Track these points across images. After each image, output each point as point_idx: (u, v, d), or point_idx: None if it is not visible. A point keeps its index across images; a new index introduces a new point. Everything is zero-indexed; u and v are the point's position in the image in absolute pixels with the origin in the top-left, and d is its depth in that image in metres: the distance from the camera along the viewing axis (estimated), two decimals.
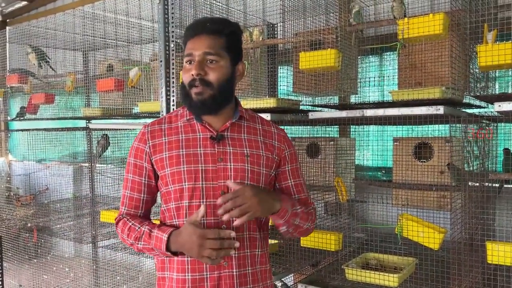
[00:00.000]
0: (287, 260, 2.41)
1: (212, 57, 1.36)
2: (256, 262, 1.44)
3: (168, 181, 1.39)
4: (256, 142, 1.46)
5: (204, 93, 1.35)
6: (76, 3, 5.84)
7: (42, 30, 3.91)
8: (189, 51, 1.37)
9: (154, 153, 1.42)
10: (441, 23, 1.88)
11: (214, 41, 1.36)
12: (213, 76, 1.36)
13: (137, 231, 1.38)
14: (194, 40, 1.37)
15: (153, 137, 1.43)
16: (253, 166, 1.41)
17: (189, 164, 1.37)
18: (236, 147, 1.42)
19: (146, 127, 1.47)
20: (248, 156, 1.41)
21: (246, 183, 1.38)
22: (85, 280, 4.18)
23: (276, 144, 1.49)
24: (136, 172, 1.44)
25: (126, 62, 3.48)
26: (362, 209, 2.91)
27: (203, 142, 1.40)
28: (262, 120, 1.54)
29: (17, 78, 3.85)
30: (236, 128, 1.45)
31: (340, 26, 2.41)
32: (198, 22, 1.43)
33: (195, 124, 1.43)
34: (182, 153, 1.39)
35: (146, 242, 1.36)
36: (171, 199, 1.40)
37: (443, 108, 1.89)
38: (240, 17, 3.17)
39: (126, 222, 1.43)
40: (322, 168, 2.68)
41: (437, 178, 2.35)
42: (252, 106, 2.49)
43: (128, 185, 1.46)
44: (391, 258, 2.28)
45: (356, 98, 2.68)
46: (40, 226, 4.27)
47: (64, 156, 4.86)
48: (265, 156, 1.45)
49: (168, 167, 1.39)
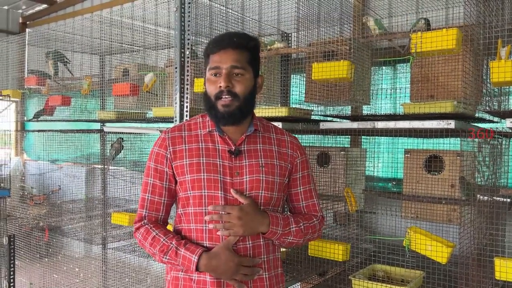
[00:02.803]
0: (295, 268, 2.42)
1: (239, 71, 1.43)
2: (270, 267, 1.50)
3: (187, 187, 1.45)
4: (270, 151, 1.53)
5: (231, 105, 1.42)
6: (94, 7, 5.96)
7: (61, 33, 4.00)
8: (216, 64, 1.43)
9: (175, 159, 1.48)
10: (455, 38, 1.88)
11: (240, 55, 1.44)
12: (239, 88, 1.43)
13: (163, 244, 1.43)
14: (221, 53, 1.43)
15: (173, 143, 1.49)
16: (268, 176, 1.48)
17: (209, 173, 1.44)
18: (252, 158, 1.48)
19: (167, 133, 1.52)
20: (262, 166, 1.48)
21: (260, 192, 1.46)
22: (94, 280, 4.23)
23: (289, 152, 1.56)
24: (157, 177, 1.50)
25: (141, 67, 3.54)
26: (371, 220, 2.90)
27: (222, 154, 1.47)
28: (276, 129, 1.60)
29: (35, 80, 3.93)
30: (252, 139, 1.52)
31: (354, 37, 2.43)
32: (224, 36, 1.49)
33: (215, 135, 1.50)
34: (203, 161, 1.45)
35: (172, 259, 1.42)
36: (189, 204, 1.46)
37: (454, 123, 1.89)
38: (255, 26, 3.21)
39: (149, 230, 1.47)
40: (332, 178, 2.69)
41: (447, 192, 2.34)
42: (264, 115, 2.51)
43: (148, 189, 1.51)
44: (399, 271, 2.28)
45: (368, 109, 2.69)
46: (52, 225, 4.34)
47: (77, 157, 4.93)
48: (278, 165, 1.51)
49: (188, 174, 1.45)
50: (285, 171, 1.53)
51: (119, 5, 5.57)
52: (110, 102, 4.04)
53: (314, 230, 1.56)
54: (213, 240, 1.43)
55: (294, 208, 1.62)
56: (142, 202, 1.52)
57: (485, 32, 1.99)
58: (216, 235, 1.42)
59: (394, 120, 2.10)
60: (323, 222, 1.61)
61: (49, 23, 6.67)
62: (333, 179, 2.69)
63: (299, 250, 2.45)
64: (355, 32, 2.50)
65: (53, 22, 6.58)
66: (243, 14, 3.17)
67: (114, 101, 3.76)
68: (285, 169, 1.53)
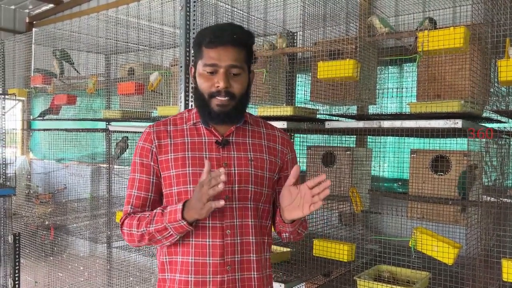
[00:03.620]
0: (299, 268, 2.41)
1: (237, 70, 1.37)
2: (260, 267, 1.43)
3: (172, 182, 1.39)
4: (260, 146, 1.47)
5: (228, 105, 1.36)
6: (100, 6, 5.98)
7: (67, 32, 4.01)
8: (214, 61, 1.35)
9: (160, 153, 1.42)
10: (462, 37, 1.86)
11: (238, 53, 1.37)
12: (237, 88, 1.37)
13: (148, 217, 1.35)
14: (219, 50, 1.35)
15: (159, 137, 1.43)
16: (257, 170, 1.42)
17: (194, 167, 1.38)
18: (241, 151, 1.43)
19: (151, 127, 1.47)
20: (252, 160, 1.42)
21: (250, 187, 1.40)
22: (98, 279, 4.24)
23: (279, 148, 1.50)
24: (144, 171, 1.43)
25: (147, 66, 3.55)
26: (377, 221, 2.88)
27: (209, 146, 1.41)
28: (266, 124, 1.55)
29: (41, 79, 3.95)
30: (240, 132, 1.46)
31: (360, 37, 2.41)
32: (222, 30, 1.38)
33: (201, 128, 1.44)
34: (188, 156, 1.39)
35: (159, 222, 1.32)
36: (174, 201, 1.39)
37: (462, 122, 1.87)
38: (261, 25, 3.20)
39: (133, 216, 1.39)
40: (338, 178, 2.68)
41: (454, 192, 2.32)
42: (269, 114, 2.50)
43: (135, 185, 1.44)
44: (404, 272, 2.26)
45: (374, 109, 2.67)
46: (58, 224, 4.36)
47: (82, 156, 4.95)
48: (268, 160, 1.46)
49: (173, 169, 1.39)
50: (275, 166, 1.47)
51: (125, 4, 5.59)
52: (115, 101, 4.05)
53: (305, 226, 1.53)
54: (199, 237, 1.36)
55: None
56: (128, 199, 1.45)
57: (493, 30, 1.97)
58: (203, 231, 1.35)
59: (401, 119, 2.09)
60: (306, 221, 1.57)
61: (55, 23, 6.70)
62: (339, 179, 2.67)
63: (304, 250, 2.44)
64: (361, 31, 2.49)
65: (60, 22, 6.62)
66: (248, 13, 3.16)
67: (120, 100, 3.77)
68: (275, 164, 1.47)
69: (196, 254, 1.36)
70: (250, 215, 1.40)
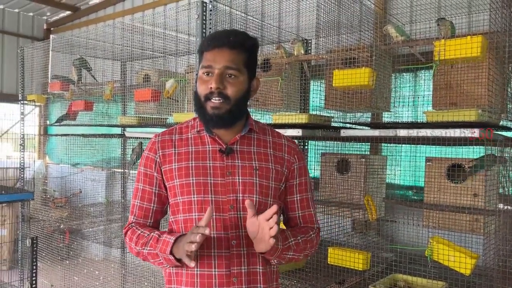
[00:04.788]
0: (314, 276, 2.41)
1: (233, 72, 1.33)
2: (267, 279, 1.38)
3: (176, 192, 1.37)
4: (265, 155, 1.43)
5: (221, 107, 1.33)
6: (117, 13, 6.07)
7: (84, 40, 4.08)
8: (209, 62, 1.33)
9: (164, 163, 1.40)
10: (479, 46, 1.86)
11: (235, 55, 1.34)
12: (232, 91, 1.33)
13: (146, 237, 1.35)
14: (215, 52, 1.34)
15: (163, 147, 1.41)
16: (262, 179, 1.38)
17: (198, 177, 1.35)
18: (245, 160, 1.39)
19: (157, 136, 1.45)
20: (256, 169, 1.38)
21: (254, 197, 1.35)
22: (113, 283, 4.28)
23: (285, 156, 1.46)
24: (147, 182, 1.42)
25: (162, 73, 3.59)
26: (392, 229, 2.87)
27: (212, 154, 1.38)
28: (273, 132, 1.51)
29: (59, 85, 4.02)
30: (245, 141, 1.43)
31: (375, 45, 2.41)
32: (220, 34, 1.39)
33: (205, 136, 1.42)
34: (191, 165, 1.37)
35: (152, 247, 1.31)
36: (179, 211, 1.37)
37: (479, 131, 1.86)
38: (275, 33, 3.22)
39: (135, 230, 1.39)
40: (352, 185, 2.67)
41: (470, 201, 2.30)
42: (284, 121, 2.52)
43: (138, 195, 1.43)
44: (420, 281, 2.24)
45: (388, 116, 2.67)
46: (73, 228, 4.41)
47: (97, 161, 5.01)
48: (274, 169, 1.42)
49: (177, 179, 1.37)
50: (281, 176, 1.43)
51: (140, 11, 5.67)
52: (131, 107, 4.10)
53: (312, 244, 1.44)
54: (205, 248, 1.31)
55: (289, 218, 1.50)
56: (131, 209, 1.45)
57: (511, 39, 1.95)
58: (208, 242, 1.31)
59: (417, 128, 2.08)
60: (319, 235, 1.50)
61: (72, 30, 6.82)
62: (353, 186, 2.67)
63: (318, 258, 2.43)
64: (376, 39, 2.49)
65: (77, 29, 6.73)
66: (262, 21, 3.19)
67: (135, 106, 3.82)
68: (281, 174, 1.43)
69: (201, 265, 1.32)
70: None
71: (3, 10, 6.82)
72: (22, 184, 4.49)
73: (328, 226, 2.62)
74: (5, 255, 5.44)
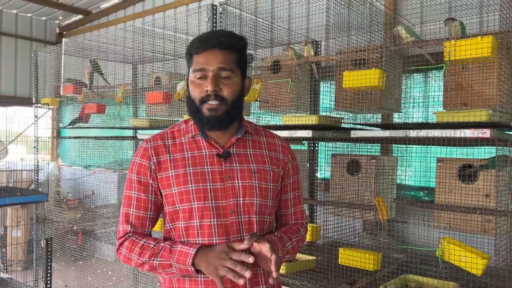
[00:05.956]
0: (324, 277, 2.42)
1: (226, 73, 1.32)
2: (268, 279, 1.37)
3: (175, 200, 1.34)
4: (262, 156, 1.43)
5: (218, 109, 1.31)
6: (127, 17, 6.14)
7: (96, 43, 4.14)
8: (202, 65, 1.32)
9: (159, 171, 1.36)
10: (490, 46, 1.85)
11: (228, 56, 1.33)
12: (227, 92, 1.32)
13: (154, 248, 1.31)
14: (207, 54, 1.32)
15: (157, 153, 1.38)
16: (261, 182, 1.38)
17: (197, 183, 1.33)
18: (243, 163, 1.38)
19: (148, 142, 1.41)
20: (255, 172, 1.38)
21: (255, 200, 1.36)
22: (126, 284, 4.32)
23: (280, 156, 1.47)
24: (141, 189, 1.37)
25: (173, 76, 3.63)
26: (403, 230, 2.86)
27: (210, 159, 1.36)
28: (265, 132, 1.51)
29: (72, 89, 4.08)
30: (241, 143, 1.42)
31: (385, 46, 2.42)
32: (209, 35, 1.37)
33: (200, 140, 1.39)
34: (189, 172, 1.34)
35: (165, 258, 1.29)
36: (179, 218, 1.35)
37: (489, 132, 1.85)
38: (285, 35, 3.24)
39: (135, 241, 1.35)
40: (362, 186, 2.67)
41: (482, 202, 2.29)
42: (294, 123, 2.53)
43: (132, 203, 1.38)
44: (431, 282, 2.24)
45: (399, 117, 2.67)
46: (86, 229, 4.47)
47: (109, 163, 5.07)
48: (271, 171, 1.42)
49: (175, 186, 1.34)
50: (278, 177, 1.43)
51: (151, 15, 5.73)
52: (142, 109, 4.15)
53: (303, 241, 1.50)
54: None
55: (281, 216, 1.51)
56: (125, 218, 1.38)
57: None
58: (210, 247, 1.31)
59: (427, 128, 2.08)
60: (307, 229, 1.55)
61: (84, 33, 6.91)
62: (364, 187, 2.67)
63: (329, 259, 2.44)
64: (386, 40, 2.49)
65: (88, 32, 6.82)
66: (272, 23, 3.21)
67: (146, 109, 3.87)
68: (278, 175, 1.43)
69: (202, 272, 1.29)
70: (256, 228, 1.36)
71: (16, 14, 6.94)
72: (36, 186, 4.56)
73: (339, 227, 2.63)
74: (20, 256, 5.53)
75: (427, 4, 2.83)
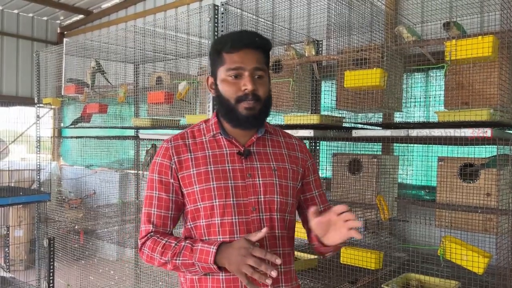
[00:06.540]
0: (326, 276, 2.43)
1: (261, 73, 1.36)
2: (289, 278, 1.40)
3: (197, 198, 1.36)
4: (281, 155, 1.45)
5: (255, 108, 1.34)
6: (128, 16, 6.15)
7: (97, 43, 4.15)
8: (238, 64, 1.34)
9: (181, 169, 1.38)
10: (491, 46, 1.86)
11: (260, 56, 1.37)
12: (262, 91, 1.36)
13: (175, 247, 1.32)
14: (242, 53, 1.34)
15: (178, 152, 1.39)
16: (281, 180, 1.40)
17: (218, 181, 1.35)
18: (263, 161, 1.40)
19: (169, 142, 1.42)
20: (275, 170, 1.40)
21: (275, 197, 1.37)
22: (128, 283, 4.34)
23: (299, 155, 1.49)
24: (163, 189, 1.39)
25: (174, 75, 3.64)
26: (404, 229, 2.87)
27: (231, 157, 1.38)
28: (283, 132, 1.54)
29: (74, 89, 4.10)
30: (261, 142, 1.44)
31: (386, 45, 2.42)
32: (241, 35, 1.40)
33: (221, 139, 1.41)
34: (211, 170, 1.36)
35: (187, 257, 1.29)
36: (200, 217, 1.36)
37: (490, 131, 1.86)
38: (286, 34, 3.24)
39: (157, 240, 1.35)
40: (364, 185, 2.68)
41: (483, 200, 2.30)
42: (296, 122, 2.54)
43: (154, 203, 1.39)
44: (433, 280, 2.25)
45: (400, 116, 2.67)
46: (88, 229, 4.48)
47: (111, 162, 5.08)
48: (291, 169, 1.44)
49: (196, 184, 1.36)
50: (297, 175, 1.45)
51: (152, 14, 5.74)
52: (143, 109, 4.16)
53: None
54: None
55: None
56: (147, 218, 1.40)
57: None
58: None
59: (428, 128, 2.09)
60: None
61: (85, 33, 6.92)
62: (365, 186, 2.68)
63: (331, 258, 2.45)
64: (387, 39, 2.50)
65: (89, 32, 6.83)
66: (273, 23, 3.21)
67: (148, 108, 3.88)
68: (297, 173, 1.45)
69: (226, 270, 1.29)
70: (277, 226, 1.37)
71: (17, 14, 6.95)
72: (38, 186, 4.58)
73: None
74: (22, 256, 5.55)
75: (428, 4, 2.84)
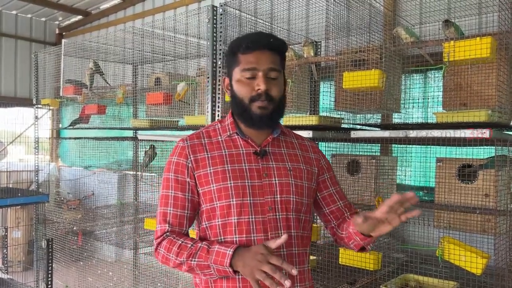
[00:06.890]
0: (325, 276, 2.43)
1: (275, 74, 1.38)
2: (304, 278, 1.41)
3: (213, 197, 1.36)
4: (295, 156, 1.47)
5: (268, 107, 1.36)
6: (127, 17, 6.15)
7: (96, 44, 4.15)
8: (252, 65, 1.36)
9: (197, 168, 1.38)
10: (489, 47, 1.87)
11: (275, 57, 1.39)
12: (275, 91, 1.37)
13: (191, 248, 1.31)
14: (257, 54, 1.36)
15: (194, 151, 1.40)
16: (296, 180, 1.41)
17: (235, 180, 1.35)
18: (279, 161, 1.42)
19: (185, 141, 1.43)
20: (290, 170, 1.42)
21: (291, 197, 1.38)
22: (126, 284, 4.33)
23: (313, 156, 1.52)
24: (179, 188, 1.39)
25: (172, 76, 3.64)
26: (402, 229, 2.88)
27: (247, 157, 1.40)
28: (295, 134, 1.57)
29: (72, 89, 4.09)
30: (276, 143, 1.46)
31: (384, 46, 2.43)
32: (258, 36, 1.43)
33: (237, 139, 1.43)
34: (228, 169, 1.37)
35: (203, 259, 1.28)
36: (215, 216, 1.36)
37: (489, 132, 1.87)
38: (284, 35, 3.25)
39: (173, 240, 1.34)
40: (362, 186, 2.69)
41: (481, 201, 2.30)
42: (295, 123, 2.54)
43: (170, 202, 1.39)
44: (431, 281, 2.25)
45: (399, 117, 2.67)
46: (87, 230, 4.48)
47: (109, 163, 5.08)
48: (305, 170, 1.46)
49: (213, 183, 1.36)
50: (312, 175, 1.47)
51: (150, 15, 5.74)
52: (142, 110, 4.16)
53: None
54: None
55: (331, 212, 1.51)
56: (163, 217, 1.39)
57: None
58: (248, 244, 1.30)
59: (427, 129, 2.09)
60: None
61: (84, 34, 6.92)
62: (364, 187, 2.68)
63: (329, 259, 2.45)
64: (386, 40, 2.50)
65: (88, 33, 6.83)
66: (272, 24, 3.21)
67: (146, 109, 3.87)
68: (312, 173, 1.48)
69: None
70: (293, 226, 1.38)
71: (16, 15, 6.94)
72: (37, 187, 4.57)
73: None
74: (20, 257, 5.53)
75: (426, 5, 2.84)
